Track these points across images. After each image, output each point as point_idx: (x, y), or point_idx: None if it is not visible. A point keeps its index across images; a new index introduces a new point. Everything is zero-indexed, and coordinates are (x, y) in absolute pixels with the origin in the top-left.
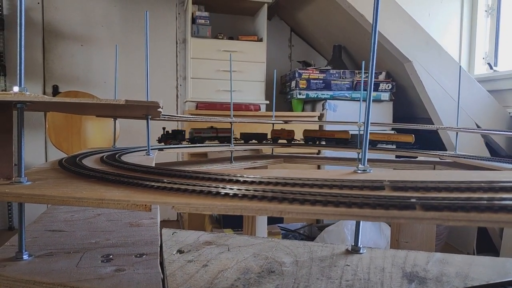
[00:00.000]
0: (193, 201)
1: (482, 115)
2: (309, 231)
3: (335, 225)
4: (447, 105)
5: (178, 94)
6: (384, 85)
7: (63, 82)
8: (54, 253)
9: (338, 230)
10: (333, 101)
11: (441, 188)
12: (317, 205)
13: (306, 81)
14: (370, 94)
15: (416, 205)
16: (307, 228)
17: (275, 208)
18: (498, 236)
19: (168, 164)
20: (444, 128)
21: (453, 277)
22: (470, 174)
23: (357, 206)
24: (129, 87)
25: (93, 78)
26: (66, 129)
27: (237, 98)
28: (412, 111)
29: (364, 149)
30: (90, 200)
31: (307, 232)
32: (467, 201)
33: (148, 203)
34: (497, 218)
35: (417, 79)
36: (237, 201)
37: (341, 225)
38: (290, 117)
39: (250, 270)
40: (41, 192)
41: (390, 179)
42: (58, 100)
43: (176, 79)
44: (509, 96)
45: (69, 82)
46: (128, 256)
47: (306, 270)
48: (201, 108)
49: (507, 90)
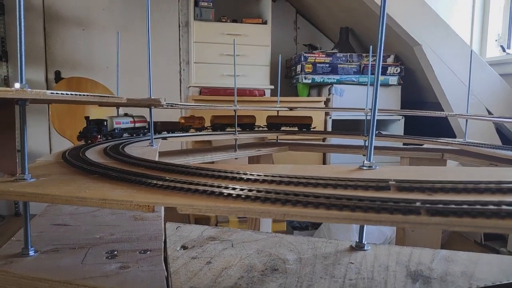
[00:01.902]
0: (196, 203)
1: (493, 100)
2: None
3: None
4: (457, 90)
5: (182, 79)
6: (392, 69)
7: (66, 68)
8: (60, 249)
9: None
10: (340, 85)
11: (448, 189)
12: (320, 208)
13: (312, 65)
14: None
15: (421, 210)
16: None
17: (277, 211)
18: None
19: (172, 153)
20: (454, 115)
21: (458, 277)
22: (479, 172)
23: (361, 210)
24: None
25: (96, 63)
26: (70, 116)
27: (241, 83)
28: (421, 96)
29: (369, 146)
30: (93, 200)
31: None
32: (473, 206)
33: (151, 204)
34: (504, 224)
35: (427, 63)
36: (240, 202)
37: None
38: (295, 103)
39: (253, 267)
40: (44, 191)
41: (395, 179)
42: (60, 97)
43: (179, 64)
44: None
45: (71, 67)
46: (133, 252)
47: (310, 268)
48: (204, 93)
49: None
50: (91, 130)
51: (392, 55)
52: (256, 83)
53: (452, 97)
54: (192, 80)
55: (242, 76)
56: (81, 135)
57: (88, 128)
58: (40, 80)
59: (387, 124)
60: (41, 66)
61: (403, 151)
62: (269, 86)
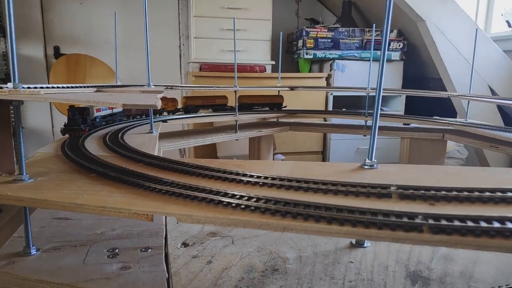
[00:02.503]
0: (196, 213)
1: (497, 77)
2: None
3: None
4: (459, 67)
5: (181, 54)
6: (395, 44)
7: (64, 43)
8: (61, 247)
9: None
10: (342, 61)
11: (450, 197)
12: (321, 222)
13: (314, 40)
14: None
15: (424, 227)
16: None
17: (277, 224)
18: None
19: (173, 135)
20: (456, 96)
21: (457, 278)
22: (481, 173)
23: (362, 226)
24: (131, 46)
25: (94, 38)
26: None
27: (242, 58)
28: (423, 71)
29: (371, 145)
30: (91, 207)
31: None
32: (477, 224)
33: (150, 213)
34: (508, 245)
35: (430, 40)
36: (239, 213)
37: None
38: (296, 79)
39: (254, 267)
40: (42, 197)
41: (397, 184)
42: (56, 97)
43: (179, 38)
44: None
45: (70, 42)
46: (134, 250)
47: (310, 268)
48: (204, 69)
49: None
50: (77, 121)
51: (395, 30)
52: (257, 59)
53: (455, 74)
54: (192, 56)
55: (242, 51)
56: (67, 129)
57: (74, 120)
58: (39, 55)
59: (388, 100)
60: (39, 42)
61: (403, 131)
62: (270, 62)
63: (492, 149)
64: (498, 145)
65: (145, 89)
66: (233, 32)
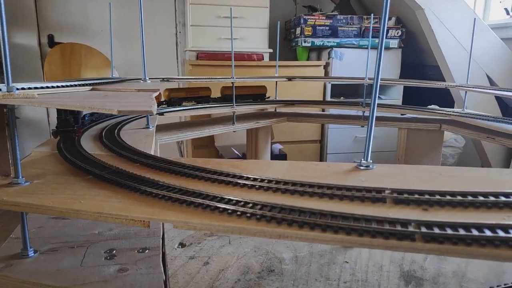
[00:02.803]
0: (192, 220)
1: (494, 66)
2: None
3: None
4: (458, 55)
5: (178, 42)
6: (393, 32)
7: (59, 31)
8: (59, 248)
9: None
10: (340, 49)
11: (444, 202)
12: (316, 230)
13: (312, 28)
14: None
15: (416, 235)
16: None
17: (272, 232)
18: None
19: (170, 128)
20: (454, 87)
21: (450, 277)
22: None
23: (356, 234)
24: (127, 35)
25: (90, 27)
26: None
27: (239, 46)
28: (422, 59)
29: (367, 145)
30: (88, 213)
31: None
32: (469, 233)
33: (146, 219)
34: (497, 254)
35: (428, 28)
36: (235, 220)
37: None
38: (294, 67)
39: (250, 268)
40: (39, 202)
41: (391, 187)
42: (51, 102)
43: (175, 26)
44: None
45: (64, 31)
46: (131, 252)
47: (305, 268)
48: (201, 58)
49: None
50: (70, 122)
51: (394, 17)
52: (254, 47)
53: (452, 63)
54: (188, 44)
55: (240, 39)
56: (60, 131)
57: (66, 121)
58: (33, 44)
59: (386, 88)
60: (33, 30)
61: (401, 122)
62: (267, 50)
63: (489, 140)
64: (495, 136)
65: (141, 87)
66: (230, 19)
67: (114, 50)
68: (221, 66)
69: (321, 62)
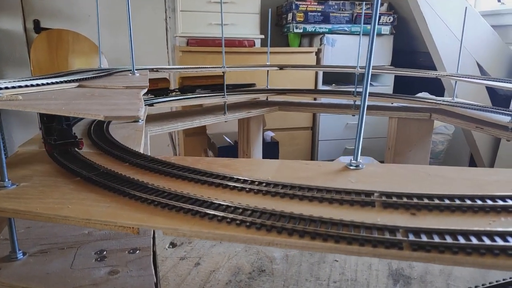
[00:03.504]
0: (181, 226)
1: (484, 53)
2: None
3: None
4: (448, 43)
5: (168, 27)
6: (385, 18)
7: (45, 16)
8: (48, 250)
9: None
10: (332, 35)
11: (432, 207)
12: (305, 238)
13: (304, 14)
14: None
15: (404, 244)
16: None
17: (262, 240)
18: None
19: (161, 118)
20: (444, 76)
21: (437, 276)
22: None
23: (345, 242)
24: (115, 21)
25: (77, 12)
26: (52, 70)
27: (230, 32)
28: (413, 45)
29: (356, 145)
30: (76, 219)
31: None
32: (455, 241)
33: (136, 226)
34: (482, 262)
35: (420, 15)
36: (225, 227)
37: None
38: (286, 54)
39: (241, 269)
40: (26, 208)
41: (380, 190)
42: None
43: (165, 11)
44: None
45: (51, 16)
46: (121, 252)
47: (296, 268)
48: (192, 44)
49: None
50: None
51: (386, 3)
52: (245, 33)
53: (443, 50)
54: (178, 30)
55: (230, 25)
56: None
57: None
58: (18, 30)
59: (377, 75)
60: (17, 15)
61: (391, 111)
62: (259, 36)
63: (477, 130)
64: (483, 126)
65: (129, 84)
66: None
67: (102, 36)
68: (212, 52)
69: (313, 48)
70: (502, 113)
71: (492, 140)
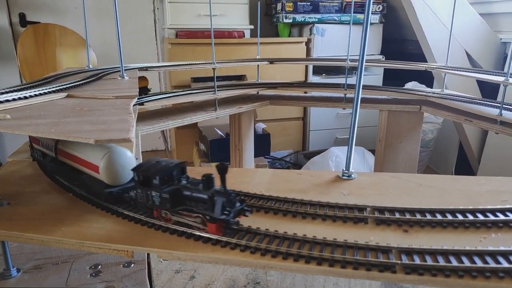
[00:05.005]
0: (176, 250)
1: (473, 41)
2: (295, 158)
3: (320, 156)
4: (437, 32)
5: (156, 18)
6: (375, 7)
7: (30, 9)
8: (42, 266)
9: (323, 161)
10: (321, 25)
11: (423, 223)
12: (299, 262)
13: (293, 4)
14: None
15: (397, 267)
16: (294, 155)
17: (257, 263)
18: (476, 161)
19: (152, 115)
20: (434, 69)
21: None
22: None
23: (339, 266)
24: (102, 13)
25: (63, 4)
26: (40, 65)
27: (220, 23)
28: (403, 33)
29: (348, 156)
30: (70, 243)
31: (294, 160)
32: (448, 264)
33: (130, 249)
34: (474, 284)
35: (409, 4)
36: (219, 250)
37: (326, 157)
38: (276, 44)
39: (236, 282)
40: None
41: (372, 204)
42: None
43: (153, 2)
44: (502, 20)
45: (36, 9)
46: (116, 266)
47: (290, 279)
48: (181, 36)
49: (501, 14)
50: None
51: None
52: (234, 23)
53: (432, 39)
54: (167, 22)
55: (220, 16)
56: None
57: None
58: (3, 24)
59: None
60: (2, 8)
61: (381, 104)
62: (248, 26)
63: (467, 122)
64: (472, 119)
65: (118, 93)
66: None
67: (90, 28)
68: (201, 44)
69: (302, 38)
70: (491, 105)
71: (482, 133)
